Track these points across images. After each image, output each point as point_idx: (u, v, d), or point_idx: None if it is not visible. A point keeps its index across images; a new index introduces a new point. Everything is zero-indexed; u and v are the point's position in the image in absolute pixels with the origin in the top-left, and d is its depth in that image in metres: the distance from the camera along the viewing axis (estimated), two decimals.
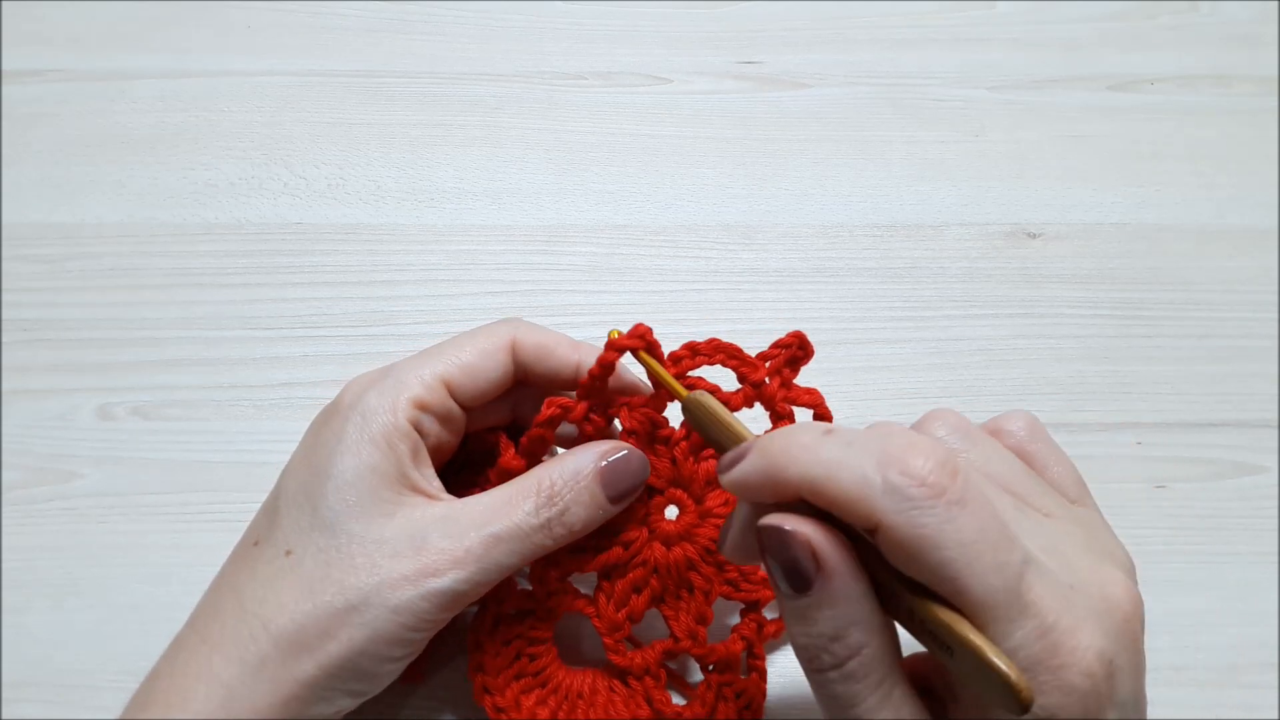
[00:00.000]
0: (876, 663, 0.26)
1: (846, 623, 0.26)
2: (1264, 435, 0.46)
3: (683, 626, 0.37)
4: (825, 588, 0.26)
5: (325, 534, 0.32)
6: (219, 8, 0.56)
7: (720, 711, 0.37)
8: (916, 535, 0.24)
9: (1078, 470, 0.31)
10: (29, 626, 0.41)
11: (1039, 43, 0.57)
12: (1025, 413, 0.32)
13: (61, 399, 0.45)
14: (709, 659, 0.37)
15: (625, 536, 0.36)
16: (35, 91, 0.53)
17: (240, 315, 0.47)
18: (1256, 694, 0.41)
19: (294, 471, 0.34)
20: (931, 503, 0.24)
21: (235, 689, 0.30)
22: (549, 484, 0.33)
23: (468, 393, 0.35)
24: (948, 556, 0.24)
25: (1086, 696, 0.25)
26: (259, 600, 0.31)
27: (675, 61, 0.56)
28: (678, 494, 0.37)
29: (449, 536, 0.32)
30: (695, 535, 0.37)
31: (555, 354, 0.35)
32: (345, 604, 0.31)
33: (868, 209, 0.51)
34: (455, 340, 0.35)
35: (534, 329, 0.36)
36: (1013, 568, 0.25)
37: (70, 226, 0.49)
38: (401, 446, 0.33)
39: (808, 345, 0.36)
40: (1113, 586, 0.27)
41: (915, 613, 0.26)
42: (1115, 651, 0.25)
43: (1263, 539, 0.44)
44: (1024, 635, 0.25)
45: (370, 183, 0.51)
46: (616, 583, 0.36)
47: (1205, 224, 0.52)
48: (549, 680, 0.37)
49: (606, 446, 0.34)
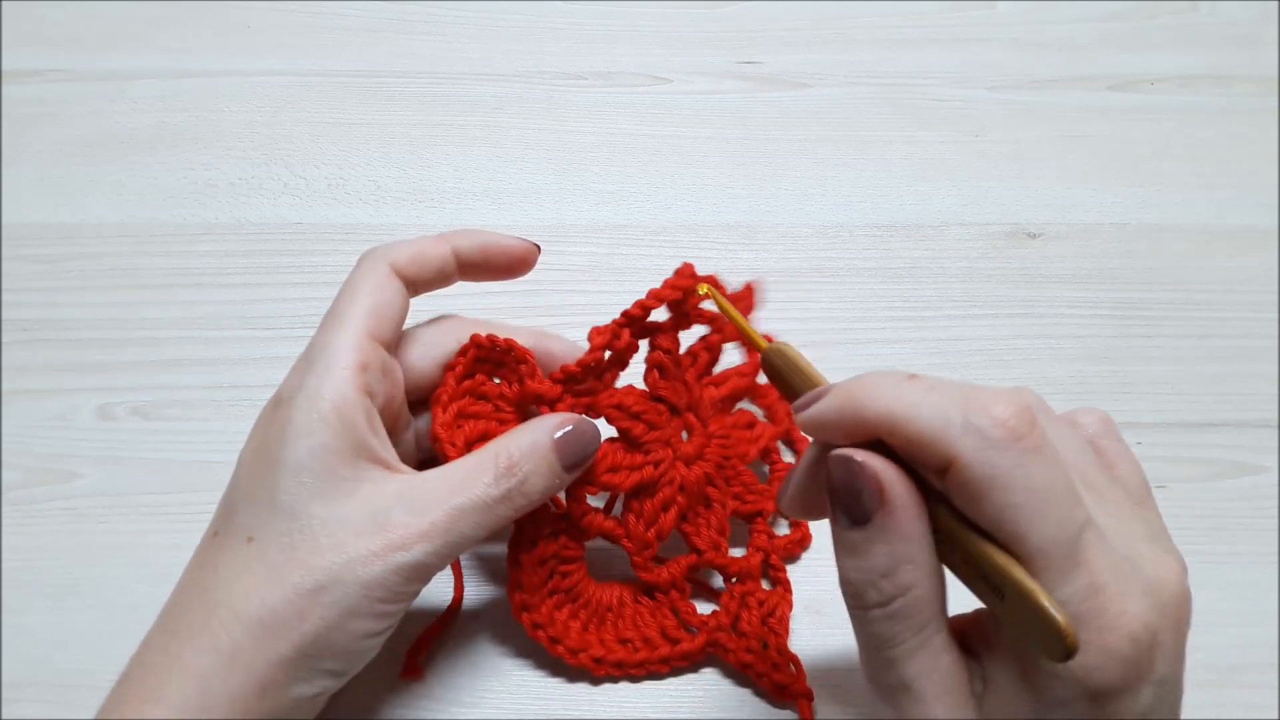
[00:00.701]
0: (923, 605, 0.27)
1: (900, 560, 0.26)
2: (1264, 435, 0.46)
3: (705, 539, 0.39)
4: (886, 522, 0.26)
5: (286, 519, 0.31)
6: (219, 8, 0.56)
7: (744, 619, 0.39)
8: (989, 475, 0.25)
9: (1144, 475, 0.31)
10: (29, 626, 0.41)
11: (1039, 43, 0.57)
12: (1100, 410, 0.32)
13: (61, 399, 0.45)
14: (730, 569, 0.39)
15: (655, 456, 0.38)
16: (35, 91, 0.53)
17: (240, 315, 0.47)
18: (1256, 694, 0.41)
19: (245, 464, 0.33)
20: (1008, 445, 0.25)
21: (209, 680, 0.30)
22: (507, 456, 0.34)
23: (389, 333, 0.35)
24: (1014, 500, 0.25)
25: (1126, 663, 0.25)
26: (226, 590, 0.31)
27: (675, 61, 0.56)
28: (689, 417, 0.39)
29: (412, 512, 0.32)
30: (706, 454, 0.39)
31: (429, 254, 0.36)
32: (315, 584, 0.31)
33: (868, 209, 0.51)
34: (344, 295, 0.35)
35: (398, 247, 0.36)
36: (1074, 524, 0.25)
37: (70, 226, 0.49)
38: (356, 417, 0.32)
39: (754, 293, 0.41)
40: (1166, 572, 0.27)
41: (971, 553, 0.26)
42: (1160, 627, 0.26)
43: (1263, 539, 0.44)
44: (1074, 590, 0.25)
45: (370, 183, 0.51)
46: (645, 502, 0.38)
47: (1205, 224, 0.52)
48: (580, 595, 0.38)
49: (559, 419, 0.35)
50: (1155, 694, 0.26)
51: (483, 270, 0.38)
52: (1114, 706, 0.25)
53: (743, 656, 0.38)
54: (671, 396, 0.38)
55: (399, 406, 0.37)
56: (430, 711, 0.39)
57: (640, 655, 0.38)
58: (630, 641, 0.38)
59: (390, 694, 0.39)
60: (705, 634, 0.38)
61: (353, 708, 0.38)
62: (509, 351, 0.37)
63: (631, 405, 0.37)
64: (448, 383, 0.37)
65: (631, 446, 0.38)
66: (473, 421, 0.37)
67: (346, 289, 0.35)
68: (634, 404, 0.38)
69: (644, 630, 0.39)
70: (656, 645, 0.38)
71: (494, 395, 0.37)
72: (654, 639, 0.38)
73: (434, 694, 0.40)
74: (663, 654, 0.38)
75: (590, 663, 0.38)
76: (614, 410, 0.37)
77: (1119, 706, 0.25)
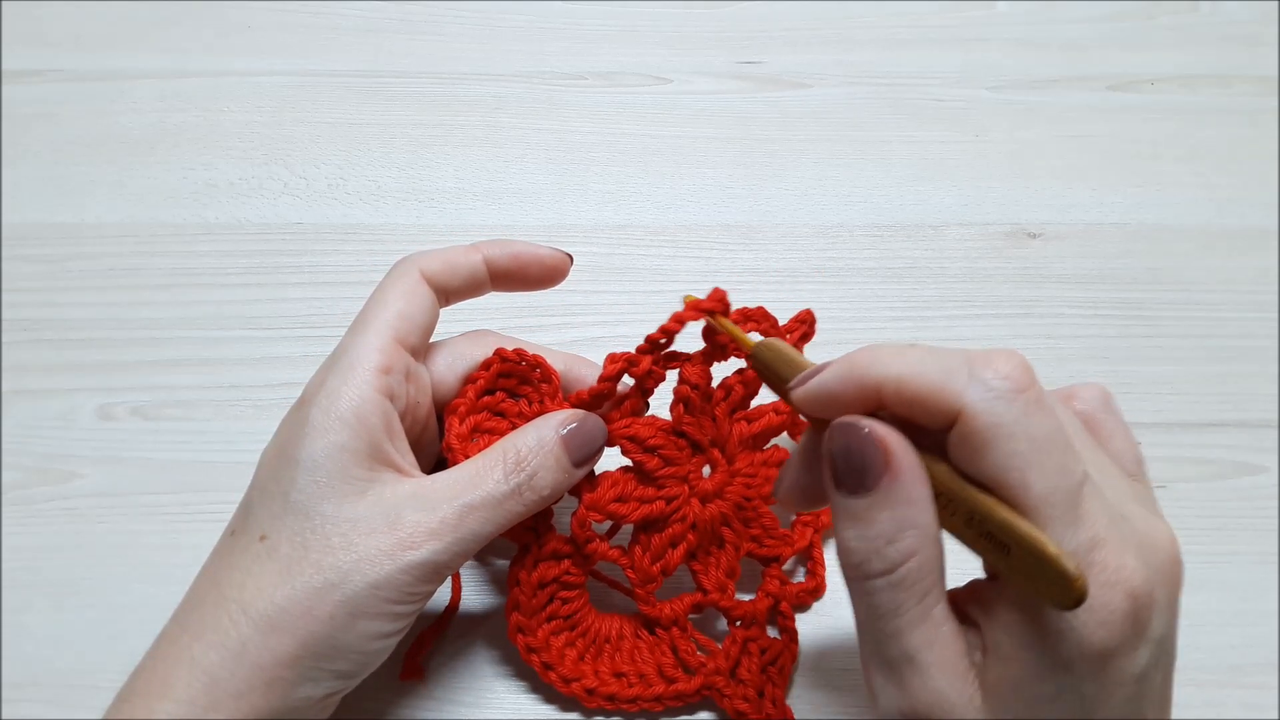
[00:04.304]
0: (925, 572, 0.27)
1: (905, 525, 0.26)
2: (1264, 435, 0.46)
3: (712, 580, 0.38)
4: (891, 487, 0.26)
5: (299, 518, 0.32)
6: (219, 8, 0.56)
7: (744, 665, 0.38)
8: (994, 424, 0.25)
9: (1140, 451, 0.31)
10: (29, 626, 0.41)
11: (1039, 43, 0.57)
12: (1099, 385, 0.32)
13: (61, 399, 0.45)
14: (734, 613, 0.38)
15: (669, 492, 0.37)
16: (35, 91, 0.53)
17: (240, 315, 0.47)
18: (1256, 694, 0.41)
19: (265, 463, 0.34)
20: (1014, 396, 0.25)
21: (217, 674, 0.30)
22: (515, 452, 0.34)
23: (416, 338, 0.35)
24: (1019, 449, 0.25)
25: (1126, 618, 0.25)
26: (237, 587, 0.31)
27: (675, 61, 0.56)
28: (714, 453, 0.38)
29: (422, 510, 0.32)
30: (726, 493, 0.38)
31: (459, 262, 0.36)
32: (324, 582, 0.31)
33: (868, 209, 0.51)
34: (374, 300, 0.35)
35: (429, 255, 0.36)
36: (1075, 475, 0.26)
37: (70, 226, 0.49)
38: (373, 419, 0.33)
39: (814, 323, 0.40)
40: (1160, 535, 0.27)
41: (976, 509, 0.26)
42: (1156, 584, 0.26)
43: (1263, 539, 0.44)
44: (1077, 543, 0.25)
45: (370, 183, 0.51)
46: (653, 536, 0.37)
47: (1205, 224, 0.52)
48: (579, 624, 0.38)
49: (565, 415, 0.35)
50: (1152, 654, 0.26)
51: (515, 280, 0.38)
52: (1114, 666, 0.26)
53: (738, 704, 0.38)
54: (694, 432, 0.37)
55: (425, 414, 0.37)
56: (430, 712, 0.39)
57: (634, 691, 0.37)
58: (625, 676, 0.38)
59: (390, 694, 0.39)
60: (702, 676, 0.38)
61: (353, 708, 0.38)
62: (535, 368, 0.37)
63: (647, 438, 0.36)
64: (466, 394, 0.36)
65: (644, 479, 0.37)
66: (488, 436, 0.36)
67: (376, 294, 0.36)
68: (650, 437, 0.36)
69: (640, 666, 0.38)
70: (652, 683, 0.38)
71: (512, 413, 0.37)
72: (650, 676, 0.38)
73: (434, 694, 0.40)
74: (656, 692, 0.37)
75: (582, 693, 0.37)
76: (627, 442, 0.36)
77: (1119, 666, 0.26)
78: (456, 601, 0.40)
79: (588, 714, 0.39)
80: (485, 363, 0.37)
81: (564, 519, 0.37)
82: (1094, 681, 0.26)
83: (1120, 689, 0.26)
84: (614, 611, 0.39)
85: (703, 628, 0.40)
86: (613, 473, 0.37)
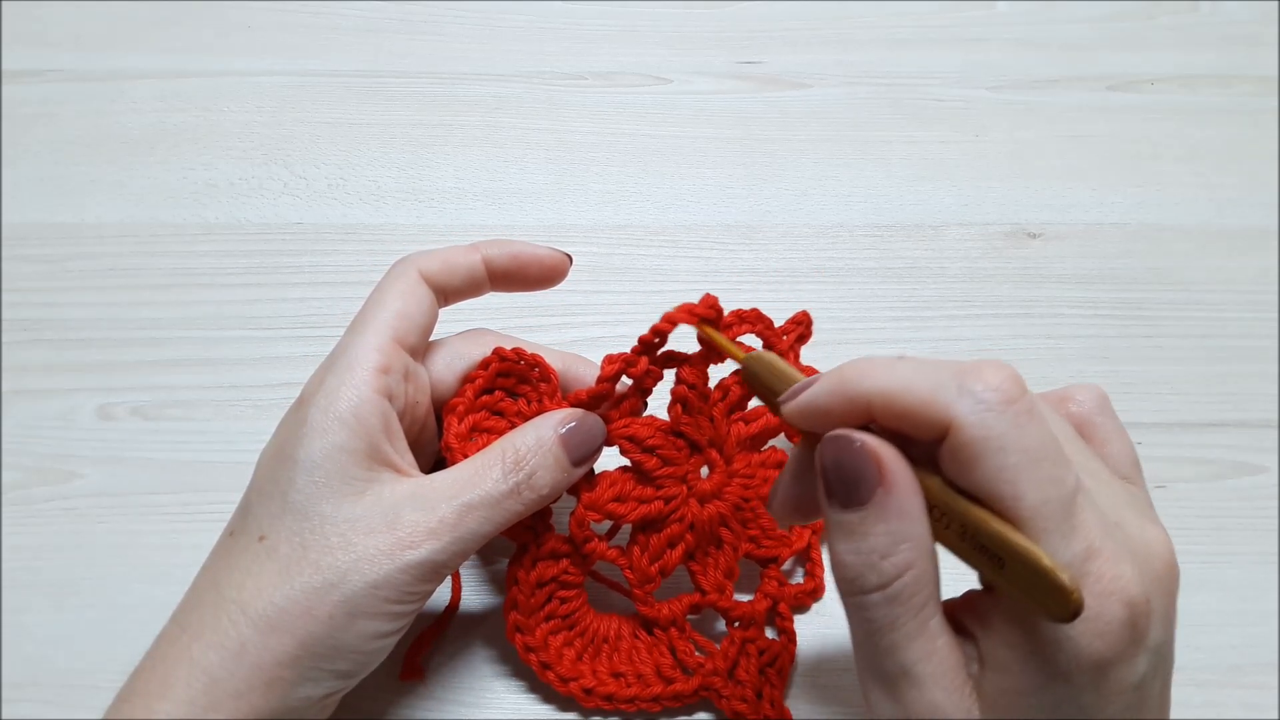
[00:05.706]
0: (921, 585, 0.27)
1: (900, 538, 0.26)
2: (1264, 435, 0.46)
3: (710, 580, 0.38)
4: (885, 500, 0.26)
5: (297, 518, 0.32)
6: (219, 8, 0.56)
7: (741, 666, 0.38)
8: (985, 437, 0.25)
9: (1136, 454, 0.31)
10: (29, 626, 0.41)
11: (1039, 43, 0.57)
12: (1096, 386, 0.32)
13: (61, 399, 0.45)
14: (733, 614, 0.38)
15: (667, 492, 0.37)
16: (35, 91, 0.53)
17: (240, 315, 0.47)
18: (1256, 694, 0.41)
19: (264, 464, 0.34)
20: (1004, 407, 0.25)
21: (216, 674, 0.30)
22: (514, 451, 0.34)
23: (415, 338, 0.35)
24: (1010, 461, 0.25)
25: (1124, 627, 0.25)
26: (236, 587, 0.31)
27: (675, 61, 0.56)
28: (712, 453, 0.38)
29: (421, 509, 0.32)
30: (724, 494, 0.38)
31: (458, 262, 0.36)
32: (323, 582, 0.31)
33: (868, 209, 0.51)
34: (372, 300, 0.35)
35: (428, 255, 0.36)
36: (1067, 485, 0.25)
37: (70, 226, 0.49)
38: (372, 420, 0.33)
39: (811, 324, 0.41)
40: (1155, 541, 0.27)
41: (969, 522, 0.26)
42: (1153, 592, 0.26)
43: (1263, 539, 0.44)
44: (1071, 554, 0.25)
45: (370, 183, 0.51)
46: (651, 537, 0.37)
47: (1205, 224, 0.52)
48: (577, 623, 0.38)
49: (563, 414, 0.35)
50: (1150, 662, 0.26)
51: (514, 280, 0.38)
52: (1113, 675, 0.25)
53: (735, 705, 0.38)
54: (692, 432, 0.37)
55: (424, 413, 0.37)
56: (430, 711, 0.39)
57: (632, 691, 0.37)
58: (623, 676, 0.38)
59: (390, 694, 0.39)
60: (700, 677, 0.38)
61: (353, 708, 0.38)
62: (534, 367, 0.37)
63: (645, 438, 0.36)
64: (465, 394, 0.36)
65: (643, 479, 0.37)
66: (486, 436, 0.36)
67: (375, 294, 0.36)
68: (648, 437, 0.36)
69: (638, 666, 0.38)
70: (649, 683, 0.38)
71: (511, 413, 0.37)
72: (648, 676, 0.38)
73: (433, 694, 0.40)
74: (654, 692, 0.37)
75: (580, 693, 0.37)
76: (626, 442, 0.36)
77: (1117, 675, 0.25)
78: (456, 601, 0.40)
79: (585, 714, 0.39)
80: (484, 362, 0.37)
81: (562, 518, 0.37)
82: (1092, 691, 0.26)
83: (1119, 698, 0.26)
84: (612, 612, 0.39)
85: (701, 628, 0.40)
86: (611, 473, 0.37)
